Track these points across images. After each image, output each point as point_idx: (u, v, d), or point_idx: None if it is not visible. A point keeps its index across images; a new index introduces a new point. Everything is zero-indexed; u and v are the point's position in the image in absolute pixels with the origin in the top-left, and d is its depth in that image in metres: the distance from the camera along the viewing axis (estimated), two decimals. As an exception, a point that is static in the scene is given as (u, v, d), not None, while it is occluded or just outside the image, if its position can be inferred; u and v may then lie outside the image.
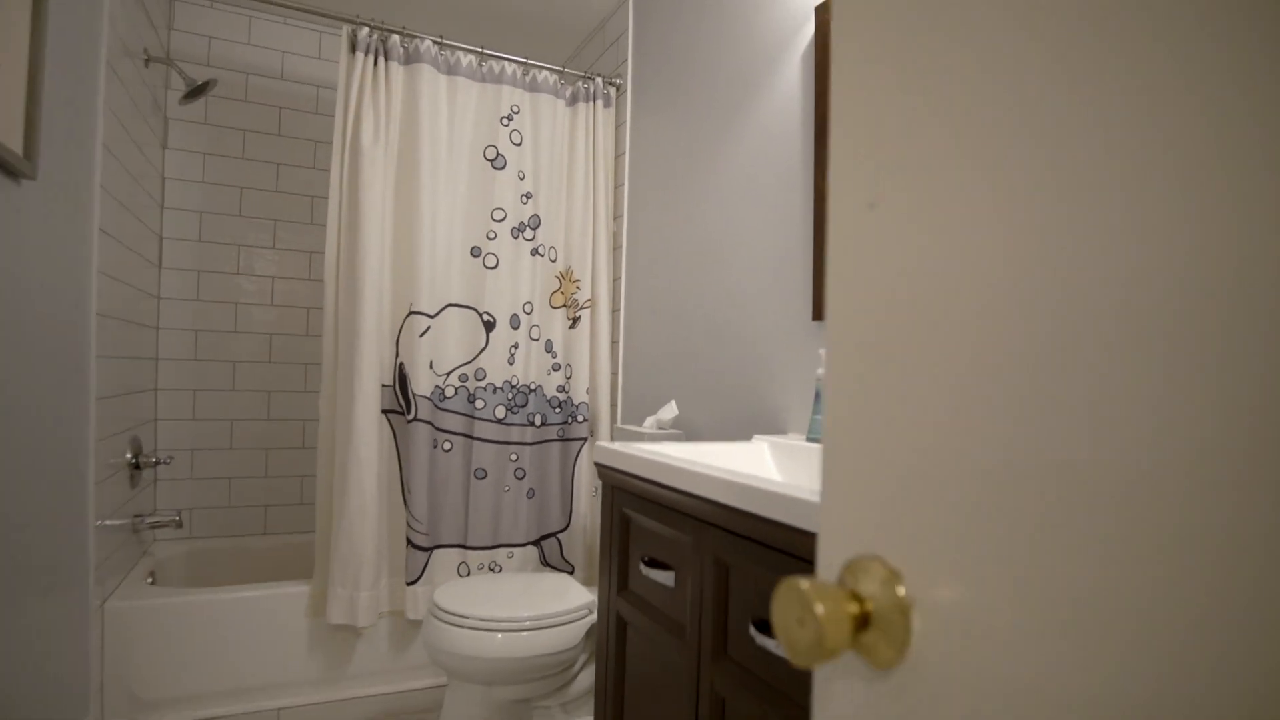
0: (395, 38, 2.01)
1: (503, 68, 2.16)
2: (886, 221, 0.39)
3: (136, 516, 2.12)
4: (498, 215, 2.14)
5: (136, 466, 2.08)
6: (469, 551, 2.08)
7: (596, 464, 1.25)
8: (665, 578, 1.04)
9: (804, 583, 0.36)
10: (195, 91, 2.07)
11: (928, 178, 0.37)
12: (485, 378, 2.12)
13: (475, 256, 2.12)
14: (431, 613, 1.59)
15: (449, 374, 2.07)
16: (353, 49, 1.97)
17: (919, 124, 0.37)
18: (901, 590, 0.37)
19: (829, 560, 0.42)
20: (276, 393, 2.58)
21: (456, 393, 2.08)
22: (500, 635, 1.53)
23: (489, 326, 2.12)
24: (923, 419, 0.37)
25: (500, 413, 2.13)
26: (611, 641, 1.20)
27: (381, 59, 1.99)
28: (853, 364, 0.41)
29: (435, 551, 2.05)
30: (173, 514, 2.22)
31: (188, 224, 2.44)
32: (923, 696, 0.35)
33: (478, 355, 2.11)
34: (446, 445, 2.06)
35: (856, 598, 0.37)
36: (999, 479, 0.33)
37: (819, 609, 0.35)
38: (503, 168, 2.14)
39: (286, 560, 2.53)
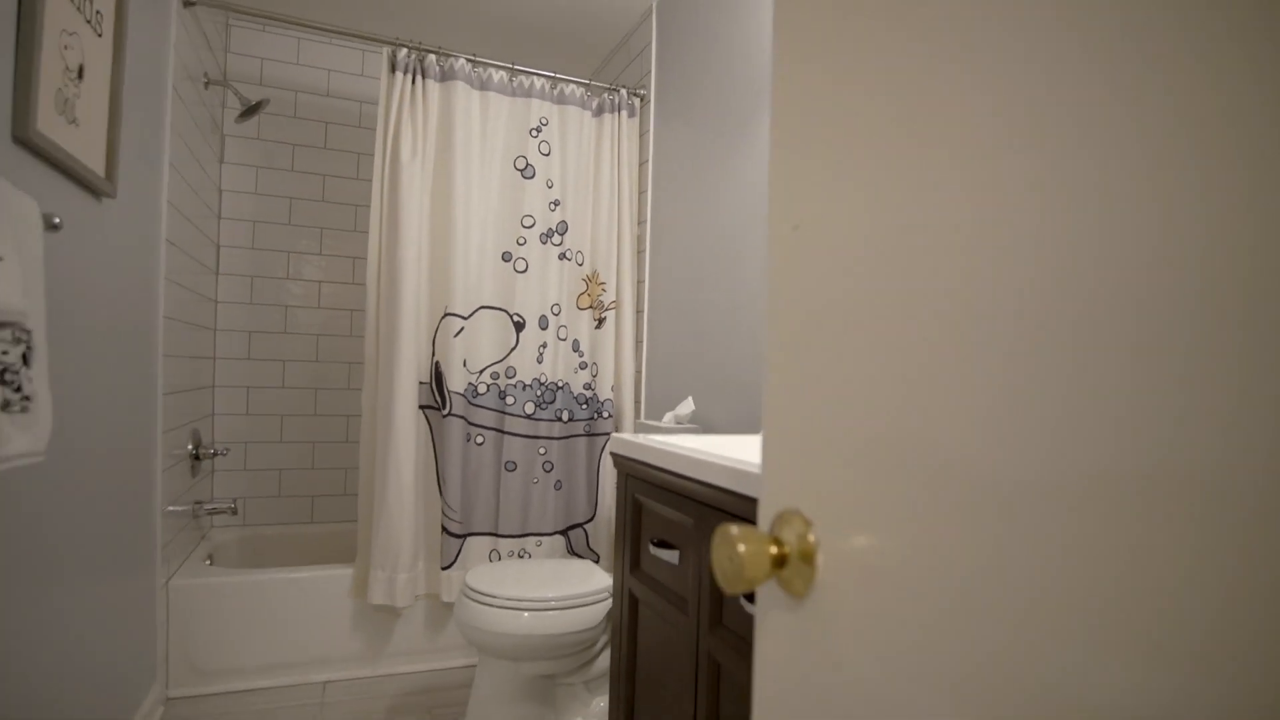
0: (431, 57, 2.14)
1: (532, 82, 2.28)
2: (805, 241, 0.48)
3: (196, 503, 2.30)
4: (527, 222, 2.26)
5: (196, 457, 2.26)
6: (500, 539, 2.21)
7: (611, 453, 1.35)
8: (671, 557, 1.14)
9: (733, 529, 0.46)
10: (250, 110, 2.24)
11: (833, 209, 0.46)
12: (515, 375, 2.24)
13: (506, 261, 2.24)
14: (464, 593, 1.71)
15: (481, 372, 2.20)
16: (392, 69, 2.11)
17: (826, 166, 0.47)
18: (811, 536, 0.46)
19: (765, 514, 0.51)
20: (322, 390, 2.75)
21: (488, 390, 2.21)
22: (527, 614, 1.64)
23: (519, 327, 2.25)
24: (829, 402, 0.46)
25: (530, 409, 2.25)
26: (624, 616, 1.31)
27: (419, 77, 2.13)
28: (782, 360, 0.50)
29: (468, 539, 2.18)
30: (228, 502, 2.39)
31: (242, 233, 2.62)
32: (825, 619, 0.45)
33: (508, 354, 2.24)
34: (479, 439, 2.19)
35: (778, 542, 0.47)
36: (884, 451, 0.42)
37: (741, 548, 0.45)
38: (532, 177, 2.26)
39: (331, 547, 2.69)
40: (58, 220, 0.99)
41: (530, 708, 1.76)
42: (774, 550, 0.46)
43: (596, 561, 2.34)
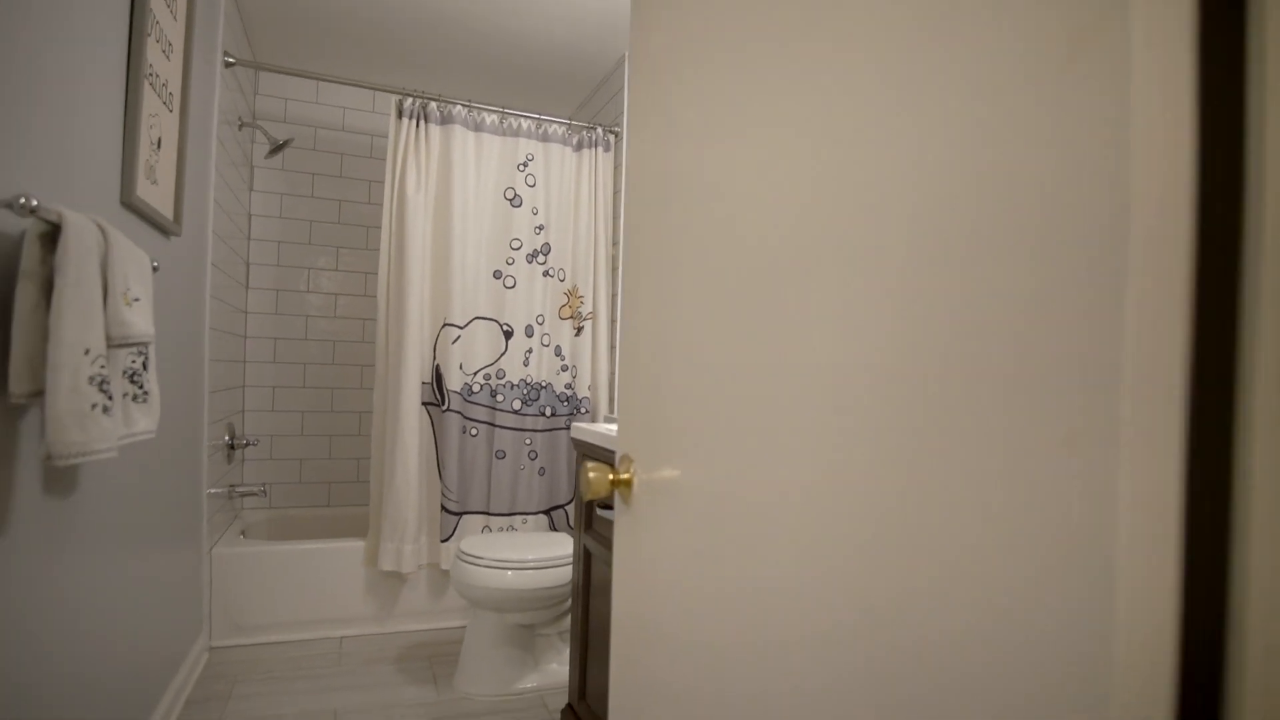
0: (433, 104, 2.51)
1: (520, 123, 2.64)
2: (638, 297, 0.84)
3: (231, 486, 2.66)
4: (515, 244, 2.62)
5: (231, 447, 2.63)
6: (491, 517, 2.57)
7: (571, 439, 1.71)
8: (610, 514, 1.50)
9: (590, 464, 0.82)
10: (277, 149, 2.61)
11: (656, 271, 0.82)
12: (505, 377, 2.60)
13: (497, 278, 2.61)
14: (459, 556, 2.07)
15: (476, 373, 2.56)
16: (399, 115, 2.48)
17: (650, 244, 0.82)
18: (632, 468, 0.82)
19: (617, 456, 0.87)
20: (338, 389, 3.12)
21: (482, 389, 2.57)
22: (510, 572, 2.00)
23: (508, 335, 2.61)
24: (642, 398, 0.81)
25: (517, 405, 2.61)
26: (580, 564, 1.67)
27: (422, 122, 2.49)
28: (624, 375, 0.86)
29: (464, 516, 2.54)
30: (257, 486, 2.76)
31: (268, 252, 3.00)
32: (638, 517, 0.80)
33: (499, 359, 2.60)
34: (473, 431, 2.55)
35: (616, 471, 0.83)
36: (662, 425, 0.77)
37: (591, 475, 0.80)
38: (519, 205, 2.63)
39: (346, 527, 3.06)
40: (156, 264, 1.35)
41: (513, 653, 2.12)
42: (612, 476, 0.82)
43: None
